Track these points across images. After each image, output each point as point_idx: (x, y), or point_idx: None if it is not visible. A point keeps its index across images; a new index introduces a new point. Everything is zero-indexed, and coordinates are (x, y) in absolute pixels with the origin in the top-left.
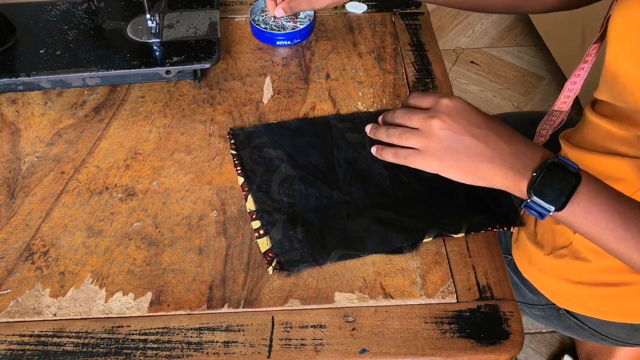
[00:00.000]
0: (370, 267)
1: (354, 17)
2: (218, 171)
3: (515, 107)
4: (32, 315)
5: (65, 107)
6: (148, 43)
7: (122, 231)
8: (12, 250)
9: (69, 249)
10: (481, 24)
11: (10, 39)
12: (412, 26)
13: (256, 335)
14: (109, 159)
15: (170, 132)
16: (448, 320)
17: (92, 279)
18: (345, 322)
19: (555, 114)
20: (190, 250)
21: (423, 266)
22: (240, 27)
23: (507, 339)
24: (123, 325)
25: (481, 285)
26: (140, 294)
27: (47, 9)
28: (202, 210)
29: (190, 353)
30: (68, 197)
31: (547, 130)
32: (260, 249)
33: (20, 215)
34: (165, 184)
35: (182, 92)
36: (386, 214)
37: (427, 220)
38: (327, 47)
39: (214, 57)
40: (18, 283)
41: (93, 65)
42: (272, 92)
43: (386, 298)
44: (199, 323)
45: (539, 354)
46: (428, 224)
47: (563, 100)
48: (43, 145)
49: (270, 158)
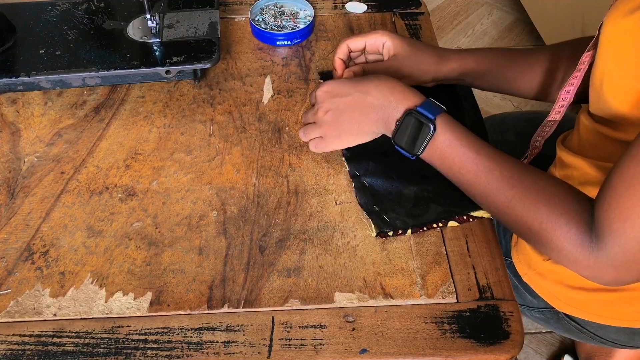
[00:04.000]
0: (370, 267)
1: (354, 17)
2: (218, 171)
3: (515, 107)
4: (32, 315)
5: (65, 107)
6: (148, 43)
7: (122, 231)
8: (12, 250)
9: (69, 249)
10: (481, 24)
11: (10, 39)
12: (412, 26)
13: (256, 335)
14: (109, 159)
15: (170, 132)
16: (448, 320)
17: (92, 279)
18: (345, 322)
19: (549, 125)
20: (190, 250)
21: (423, 266)
22: (240, 27)
23: (507, 339)
24: (123, 325)
25: (481, 285)
26: (140, 294)
27: (47, 9)
28: (202, 210)
29: (190, 353)
30: (68, 197)
31: (540, 142)
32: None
33: (20, 215)
34: (165, 184)
35: (182, 92)
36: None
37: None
38: (327, 47)
39: (214, 57)
40: (18, 283)
41: (93, 65)
42: (272, 92)
43: (386, 298)
44: (199, 323)
45: (539, 354)
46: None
47: (557, 110)
48: (43, 145)
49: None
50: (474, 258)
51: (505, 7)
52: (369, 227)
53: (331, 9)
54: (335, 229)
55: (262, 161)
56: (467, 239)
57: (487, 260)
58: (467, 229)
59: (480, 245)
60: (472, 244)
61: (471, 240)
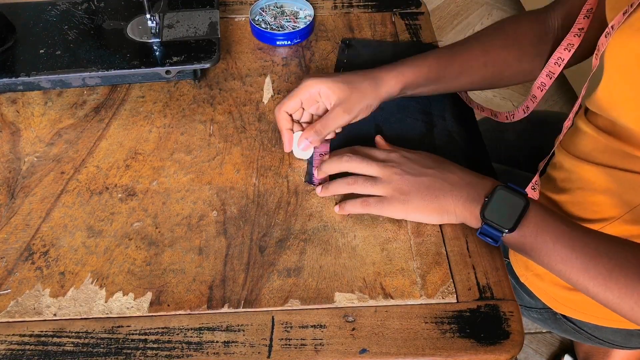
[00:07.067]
0: (370, 268)
1: (354, 17)
2: (218, 171)
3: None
4: (32, 315)
5: (65, 107)
6: (148, 43)
7: (122, 231)
8: (12, 250)
9: (69, 249)
10: (481, 24)
11: (10, 39)
12: (412, 26)
13: (256, 335)
14: (109, 159)
15: (170, 132)
16: (448, 320)
17: (92, 279)
18: (345, 322)
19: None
20: (190, 250)
21: (423, 266)
22: (240, 27)
23: (507, 339)
24: (123, 325)
25: (481, 285)
26: (140, 294)
27: (47, 9)
28: (202, 210)
29: (190, 353)
30: (68, 197)
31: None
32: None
33: (20, 215)
34: (165, 184)
35: (182, 92)
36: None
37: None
38: (327, 47)
39: (214, 57)
40: (18, 283)
41: (93, 65)
42: (272, 92)
43: (386, 298)
44: (199, 323)
45: (539, 354)
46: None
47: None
48: (43, 145)
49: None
50: (474, 258)
51: (505, 7)
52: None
53: (331, 9)
54: (335, 229)
55: (262, 161)
56: (467, 238)
57: (487, 260)
58: (467, 229)
59: (480, 245)
60: (472, 244)
61: (471, 240)
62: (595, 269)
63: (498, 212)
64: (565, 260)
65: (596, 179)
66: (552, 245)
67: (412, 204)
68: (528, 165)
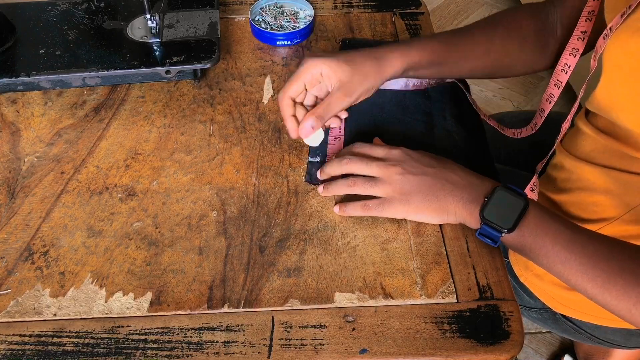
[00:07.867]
0: (370, 267)
1: (354, 17)
2: (218, 171)
3: (515, 107)
4: (32, 315)
5: (65, 107)
6: (148, 43)
7: (122, 231)
8: (12, 250)
9: (69, 249)
10: None
11: (10, 39)
12: (412, 26)
13: (256, 335)
14: (109, 159)
15: (170, 132)
16: (448, 320)
17: (92, 279)
18: (345, 322)
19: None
20: (190, 250)
21: (423, 266)
22: (240, 27)
23: (507, 339)
24: (123, 325)
25: (481, 285)
26: (140, 294)
27: (47, 9)
28: (202, 210)
29: (190, 353)
30: (68, 197)
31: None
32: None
33: (20, 215)
34: (165, 184)
35: (182, 92)
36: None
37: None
38: (327, 47)
39: (214, 57)
40: (18, 283)
41: (93, 65)
42: (272, 92)
43: (386, 298)
44: (199, 323)
45: (539, 354)
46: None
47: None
48: (43, 145)
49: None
50: (474, 258)
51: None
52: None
53: (331, 9)
54: (335, 229)
55: (262, 161)
56: (467, 239)
57: (487, 260)
58: (467, 229)
59: (480, 245)
60: (472, 244)
61: (471, 240)
62: (593, 271)
63: (497, 213)
64: (563, 261)
65: (596, 179)
66: (551, 246)
67: (413, 204)
68: (528, 165)
